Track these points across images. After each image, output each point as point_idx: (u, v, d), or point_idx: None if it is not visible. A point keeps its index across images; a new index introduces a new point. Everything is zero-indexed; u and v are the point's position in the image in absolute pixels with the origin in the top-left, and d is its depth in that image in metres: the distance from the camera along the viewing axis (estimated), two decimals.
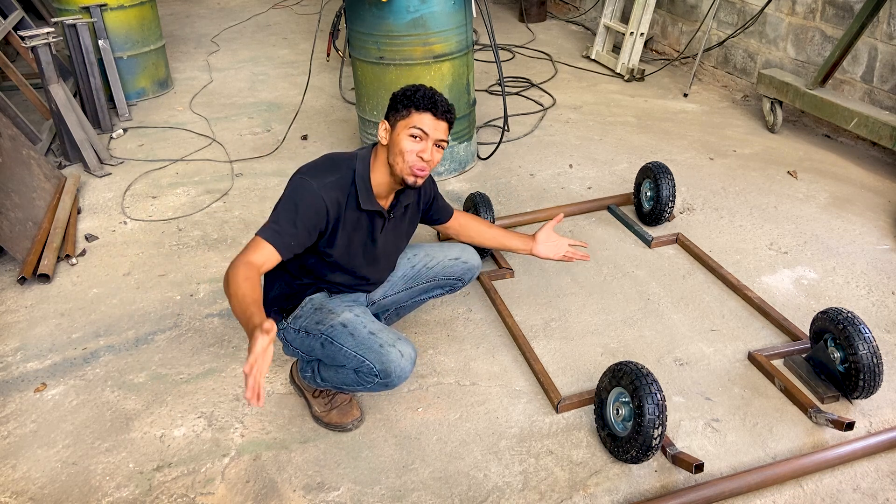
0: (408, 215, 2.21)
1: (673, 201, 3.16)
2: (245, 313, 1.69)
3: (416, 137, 1.96)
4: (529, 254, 2.42)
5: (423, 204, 2.28)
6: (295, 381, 2.33)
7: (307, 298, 2.11)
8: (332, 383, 2.15)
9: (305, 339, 2.08)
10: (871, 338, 2.17)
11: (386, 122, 2.01)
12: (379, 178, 2.03)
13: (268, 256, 1.87)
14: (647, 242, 3.12)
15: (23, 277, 2.92)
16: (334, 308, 2.07)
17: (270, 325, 1.58)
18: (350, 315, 2.04)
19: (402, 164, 1.98)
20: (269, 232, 1.88)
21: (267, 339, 1.55)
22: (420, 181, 2.01)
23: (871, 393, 2.20)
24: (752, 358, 2.45)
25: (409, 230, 2.26)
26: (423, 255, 2.36)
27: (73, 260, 3.10)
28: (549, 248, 2.40)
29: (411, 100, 1.96)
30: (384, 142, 2.01)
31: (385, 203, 2.09)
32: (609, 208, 3.40)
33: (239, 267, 1.80)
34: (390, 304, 2.37)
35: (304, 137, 4.27)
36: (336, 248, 2.01)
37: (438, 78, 3.42)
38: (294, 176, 1.97)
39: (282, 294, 2.11)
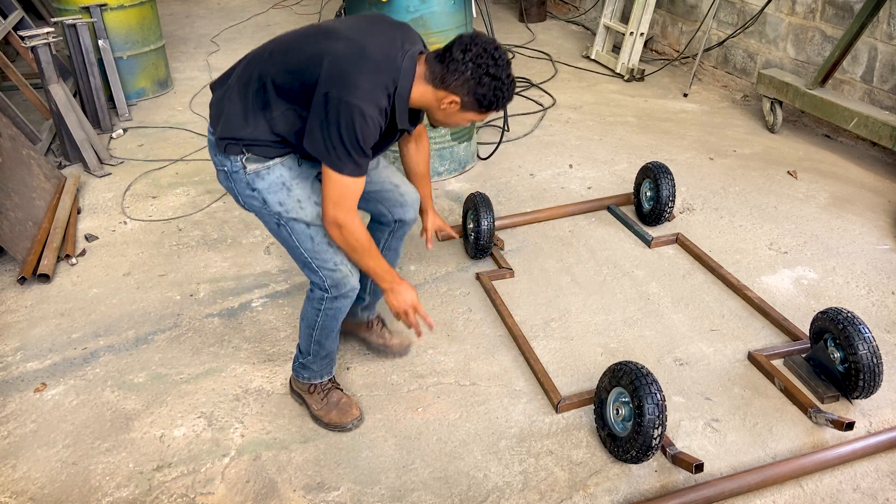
0: None
1: (673, 201, 3.16)
2: (389, 269, 2.03)
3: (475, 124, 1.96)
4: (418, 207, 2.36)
5: None
6: (293, 388, 2.33)
7: (275, 163, 1.94)
8: (308, 340, 2.15)
9: (260, 206, 1.97)
10: (870, 338, 2.17)
11: (458, 99, 1.84)
12: (413, 102, 1.90)
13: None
14: (647, 242, 3.12)
15: (23, 277, 2.92)
16: (302, 197, 1.96)
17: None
18: (314, 213, 1.97)
19: (441, 124, 1.98)
20: (355, 168, 1.81)
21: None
22: None
23: (871, 393, 2.20)
24: (752, 358, 2.45)
25: None
26: (374, 162, 2.20)
27: (73, 260, 3.10)
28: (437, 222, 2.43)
29: (498, 102, 1.87)
30: (443, 107, 1.87)
31: None
32: (609, 208, 3.40)
33: (357, 222, 1.88)
34: None
35: None
36: None
37: None
38: (344, 99, 1.75)
39: (252, 136, 1.91)
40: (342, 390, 2.27)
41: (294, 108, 1.86)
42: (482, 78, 1.80)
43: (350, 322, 2.42)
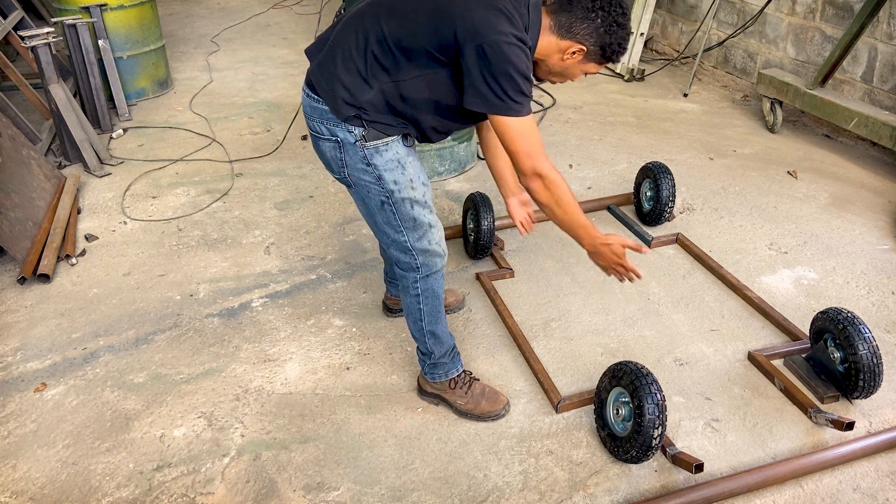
0: None
1: (673, 201, 3.16)
2: (587, 224, 1.92)
3: (586, 75, 1.94)
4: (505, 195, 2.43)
5: None
6: (427, 392, 2.30)
7: (392, 139, 1.90)
8: (422, 335, 2.16)
9: (370, 182, 1.92)
10: (871, 338, 2.17)
11: (584, 48, 1.82)
12: (536, 54, 1.87)
13: None
14: (647, 242, 3.12)
15: (23, 277, 2.92)
16: (413, 177, 1.94)
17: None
18: (422, 193, 1.96)
19: (552, 77, 1.94)
20: (529, 105, 1.78)
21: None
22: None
23: (871, 393, 2.20)
24: (752, 358, 2.45)
25: None
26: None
27: (73, 260, 3.09)
28: (515, 209, 2.44)
29: (620, 52, 1.86)
30: (566, 58, 1.85)
31: None
32: (609, 208, 3.40)
33: (556, 169, 1.83)
34: None
35: (305, 137, 4.27)
36: None
37: None
38: (501, 40, 1.69)
39: (374, 101, 1.84)
40: (479, 379, 2.28)
41: (424, 74, 1.80)
42: (611, 27, 1.80)
43: (399, 300, 2.43)
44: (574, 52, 1.84)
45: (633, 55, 5.18)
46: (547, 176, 1.82)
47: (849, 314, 2.21)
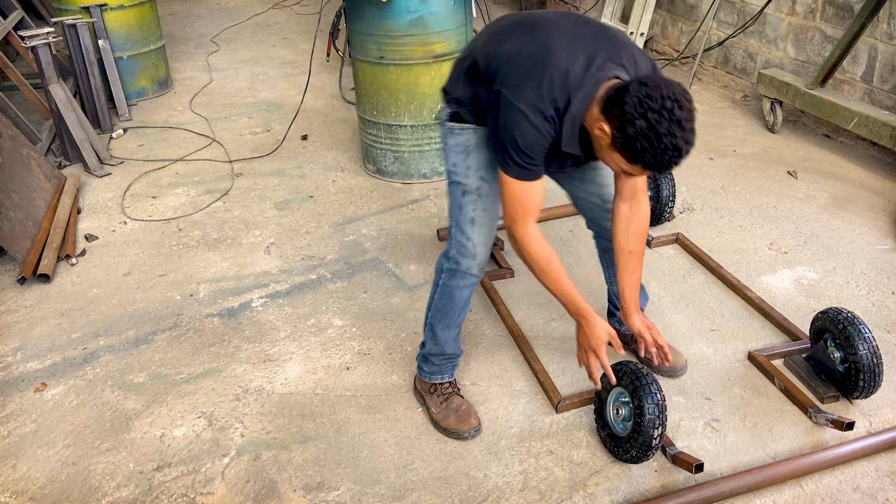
0: None
1: (673, 201, 3.16)
2: (573, 296, 1.94)
3: (629, 175, 1.74)
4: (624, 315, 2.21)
5: None
6: (416, 387, 2.32)
7: (470, 126, 1.96)
8: (425, 322, 2.21)
9: (457, 160, 2.01)
10: (871, 338, 2.17)
11: (613, 129, 1.59)
12: (587, 127, 1.72)
13: None
14: (647, 242, 3.12)
15: (23, 277, 2.92)
16: (472, 165, 1.98)
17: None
18: (475, 185, 1.99)
19: (601, 156, 1.75)
20: (520, 171, 1.77)
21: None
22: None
23: (871, 393, 2.20)
24: (752, 358, 2.45)
25: None
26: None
27: (73, 260, 3.10)
28: (638, 327, 2.17)
29: (651, 165, 1.57)
30: (597, 131, 1.66)
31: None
32: None
33: (531, 234, 1.86)
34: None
35: (304, 137, 4.27)
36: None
37: (438, 78, 3.42)
38: (509, 99, 1.70)
39: (461, 96, 1.94)
40: (463, 397, 2.24)
41: (484, 91, 1.84)
42: (646, 126, 1.52)
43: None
44: (601, 128, 1.63)
45: None
46: (520, 242, 1.88)
47: (849, 314, 2.21)
